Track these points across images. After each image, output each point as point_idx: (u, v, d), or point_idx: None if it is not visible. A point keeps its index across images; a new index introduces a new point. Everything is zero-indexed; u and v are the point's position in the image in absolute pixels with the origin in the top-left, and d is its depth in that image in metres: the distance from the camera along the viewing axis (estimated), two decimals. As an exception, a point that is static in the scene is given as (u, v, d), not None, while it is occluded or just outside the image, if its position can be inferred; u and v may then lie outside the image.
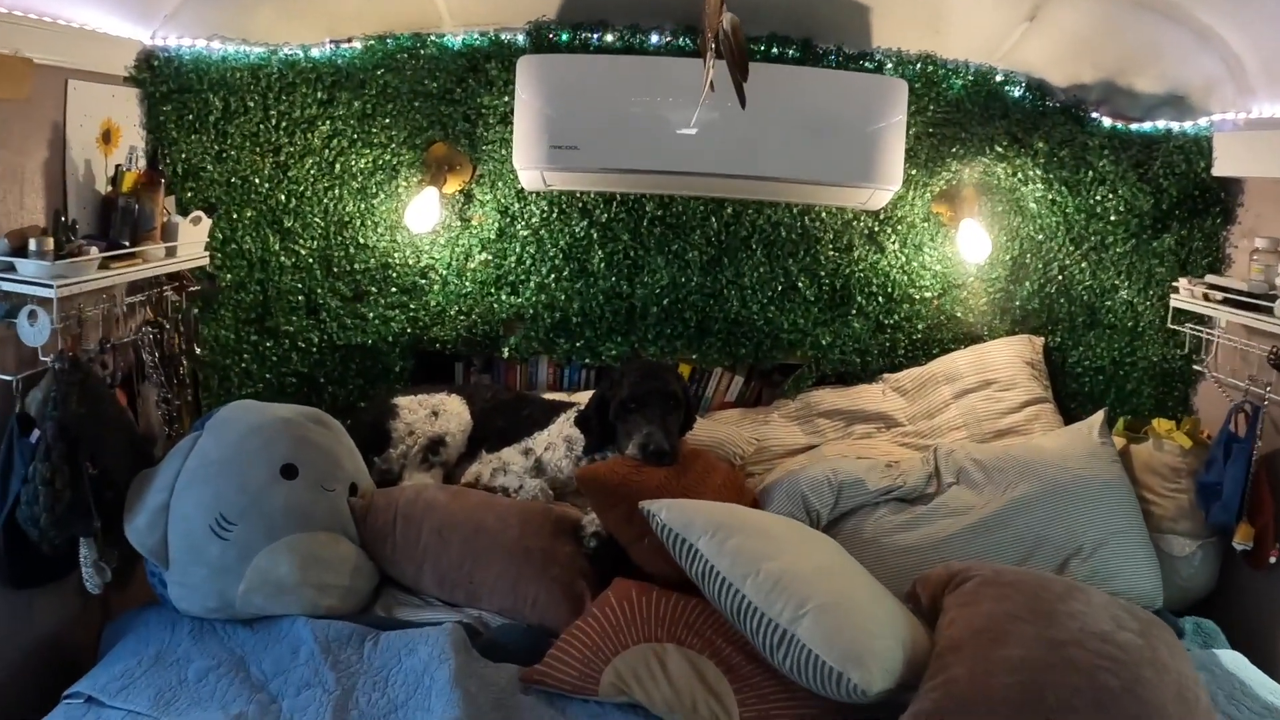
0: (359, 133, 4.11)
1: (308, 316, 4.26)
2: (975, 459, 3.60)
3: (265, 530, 3.02)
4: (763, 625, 2.57)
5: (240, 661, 2.87)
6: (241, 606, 2.97)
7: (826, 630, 2.48)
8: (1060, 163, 4.12)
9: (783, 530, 3.00)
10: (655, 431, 3.33)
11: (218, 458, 3.07)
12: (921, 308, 4.36)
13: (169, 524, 3.00)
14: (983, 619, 2.60)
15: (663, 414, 3.41)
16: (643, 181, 4.04)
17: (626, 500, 3.09)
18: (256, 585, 2.97)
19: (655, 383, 3.45)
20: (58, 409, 2.86)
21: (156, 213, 3.40)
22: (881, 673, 2.43)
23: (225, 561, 2.97)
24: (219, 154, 3.96)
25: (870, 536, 3.45)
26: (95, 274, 3.05)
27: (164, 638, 2.95)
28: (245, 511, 3.02)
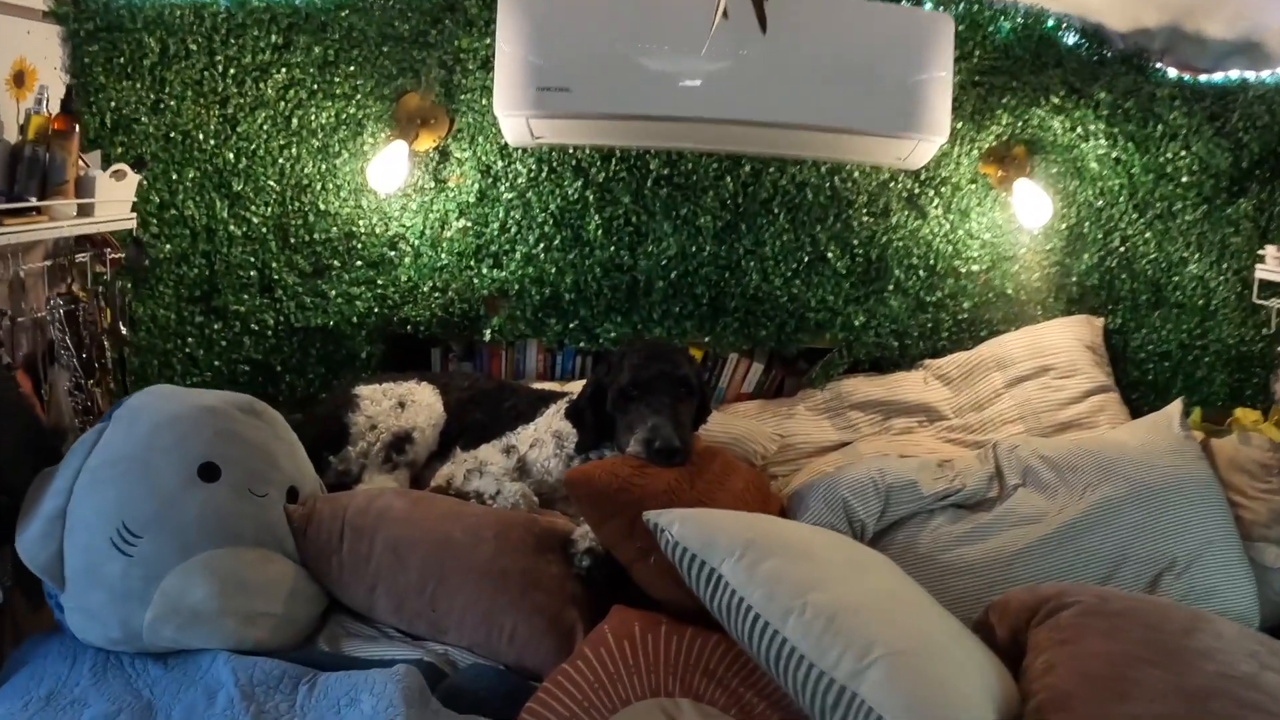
0: (319, 82, 3.82)
1: (261, 295, 3.96)
2: (1044, 456, 3.18)
3: (177, 545, 2.52)
4: (811, 680, 1.99)
5: (147, 708, 2.39)
6: (149, 638, 2.47)
7: (902, 688, 1.92)
8: (1125, 115, 3.83)
9: (829, 548, 2.47)
10: (663, 424, 2.87)
11: (124, 454, 2.59)
12: (968, 283, 4.07)
13: (65, 535, 2.54)
14: (1095, 662, 2.12)
15: (672, 402, 2.98)
16: (646, 131, 3.68)
17: (627, 509, 2.57)
18: (166, 613, 2.46)
19: (663, 365, 3.03)
20: None
21: (69, 164, 3.03)
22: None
23: (129, 583, 2.48)
24: (156, 104, 3.67)
25: (926, 552, 2.99)
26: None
27: (60, 673, 2.48)
28: (153, 521, 2.52)
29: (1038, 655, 2.17)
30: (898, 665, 1.91)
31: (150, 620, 2.43)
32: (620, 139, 3.82)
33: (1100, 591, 2.46)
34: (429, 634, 2.59)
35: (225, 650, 2.46)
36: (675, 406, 2.98)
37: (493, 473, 3.18)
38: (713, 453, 3.14)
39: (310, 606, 2.65)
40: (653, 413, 2.92)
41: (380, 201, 3.91)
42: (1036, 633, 2.26)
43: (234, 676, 2.35)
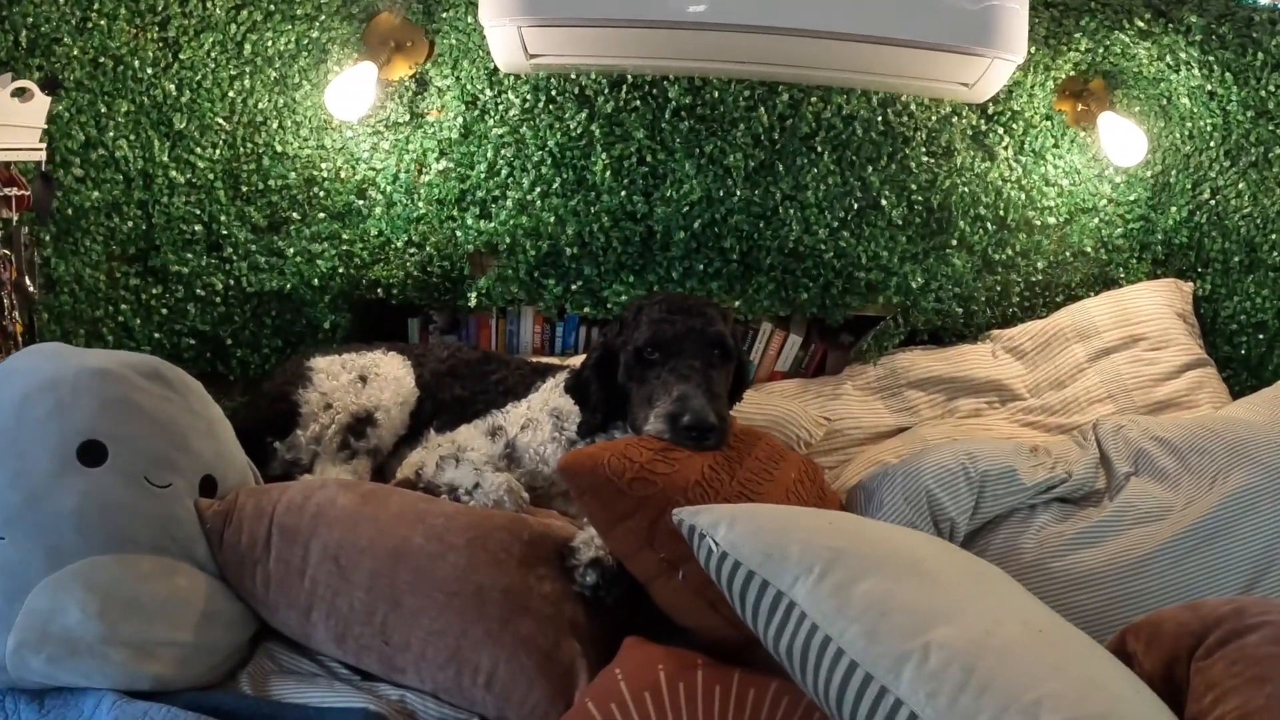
0: (277, 1, 3.52)
1: (208, 253, 3.61)
2: (1158, 438, 2.88)
3: (47, 549, 2.05)
4: None
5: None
6: (15, 670, 2.00)
7: None
8: (1221, 41, 3.57)
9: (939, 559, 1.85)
10: (692, 393, 2.37)
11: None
12: (1043, 239, 3.81)
13: None
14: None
15: (703, 367, 2.49)
16: (665, 45, 3.37)
17: (647, 506, 2.09)
18: (33, 639, 1.99)
19: (691, 320, 2.54)
20: None
21: None
22: None
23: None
24: (82, 22, 3.26)
25: (1033, 560, 2.57)
26: None
27: None
28: (17, 518, 2.06)
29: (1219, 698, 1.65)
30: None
31: (14, 647, 1.97)
32: (633, 56, 3.48)
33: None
34: (382, 672, 2.09)
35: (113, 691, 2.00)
36: (707, 372, 2.48)
37: (472, 460, 2.67)
38: (755, 435, 2.73)
39: (230, 633, 2.15)
40: (679, 380, 2.43)
41: (346, 140, 3.66)
42: (1209, 666, 1.73)
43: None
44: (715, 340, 2.54)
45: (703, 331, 2.53)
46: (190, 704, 1.95)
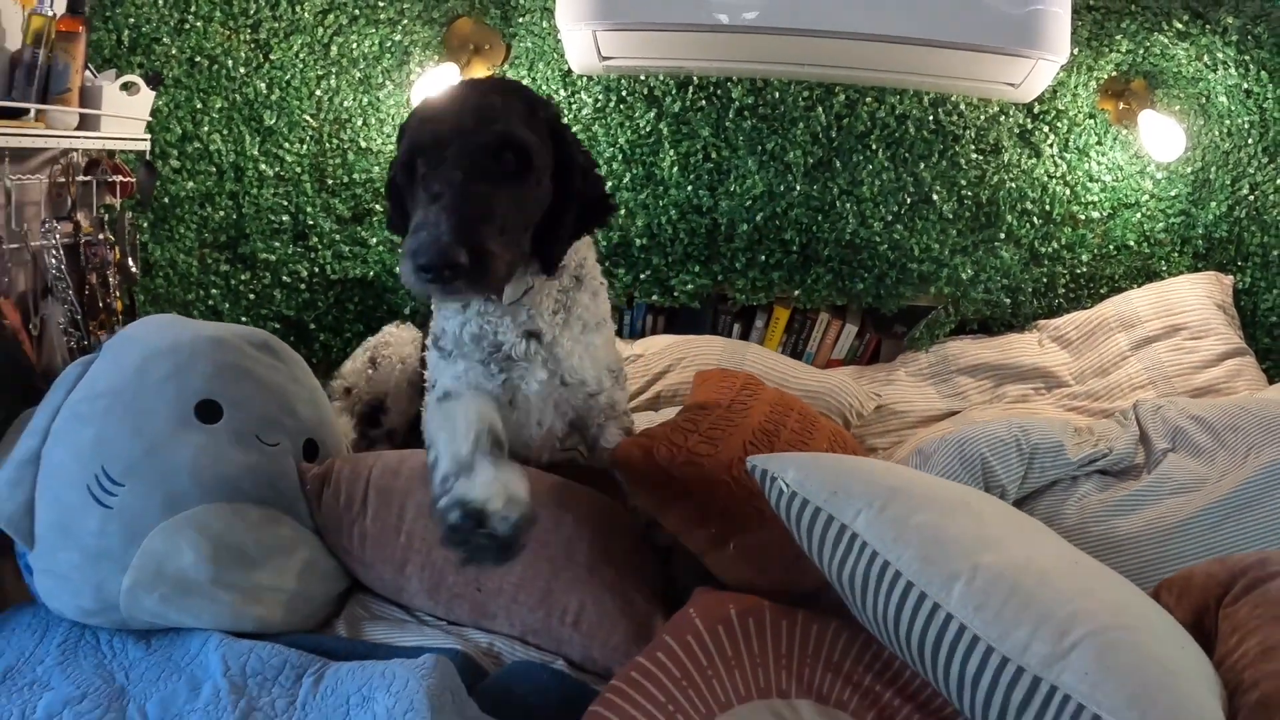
0: (361, 6, 3.67)
1: (294, 242, 3.77)
2: (1195, 416, 2.92)
3: (164, 496, 2.16)
4: (989, 669, 1.54)
5: (119, 694, 2.05)
6: (128, 609, 2.13)
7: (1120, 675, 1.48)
8: (1257, 41, 3.62)
9: (985, 502, 2.02)
10: (431, 220, 1.83)
11: (109, 388, 2.27)
12: (1087, 232, 3.89)
13: (37, 481, 2.22)
14: None
15: (468, 180, 1.90)
16: (729, 48, 3.50)
17: (696, 487, 2.18)
18: (147, 579, 2.11)
19: (462, 117, 1.97)
20: None
21: (74, 71, 2.82)
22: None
23: (106, 541, 2.13)
24: (179, 24, 3.43)
25: (1074, 523, 2.63)
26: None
27: (25, 647, 2.17)
28: (138, 466, 2.17)
29: (1245, 638, 1.75)
30: (1111, 646, 1.49)
31: (129, 586, 2.10)
32: (699, 61, 3.63)
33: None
34: (471, 619, 2.20)
35: (219, 632, 2.14)
36: (470, 188, 1.89)
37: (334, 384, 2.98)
38: (788, 403, 2.80)
39: (326, 584, 2.30)
40: (426, 201, 1.88)
41: None
42: (1236, 610, 1.85)
43: (223, 665, 2.03)
44: (495, 143, 1.96)
45: (474, 132, 1.94)
46: (291, 643, 2.08)
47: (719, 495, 2.11)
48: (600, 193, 2.21)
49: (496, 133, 1.94)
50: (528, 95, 2.13)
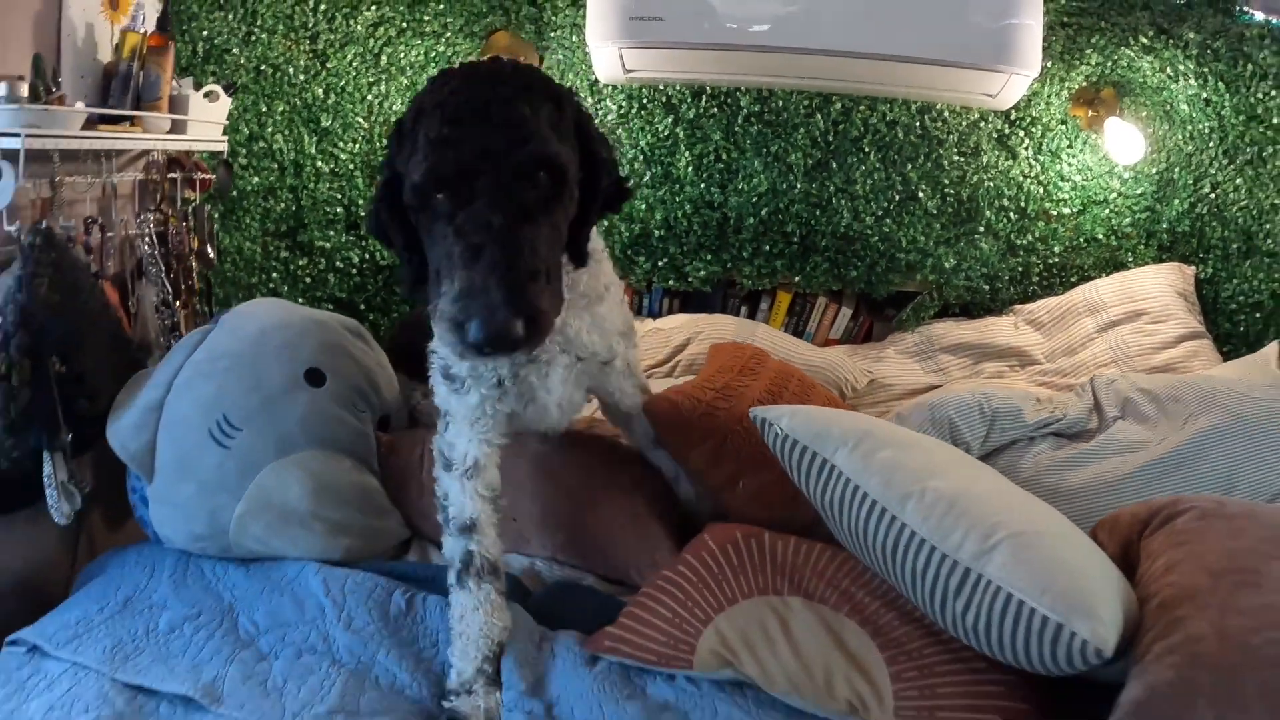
0: (408, 20, 3.88)
1: (347, 231, 3.99)
2: (1143, 389, 3.14)
3: (276, 440, 2.54)
4: (933, 564, 1.95)
5: (228, 610, 2.39)
6: (237, 534, 2.49)
7: (1030, 567, 1.88)
8: (1215, 55, 3.78)
9: (939, 446, 2.43)
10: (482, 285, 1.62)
11: (230, 351, 2.63)
12: (1059, 227, 4.13)
13: (160, 426, 2.56)
14: (1219, 559, 2.03)
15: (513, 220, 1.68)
16: (738, 64, 3.66)
17: (713, 435, 2.50)
18: (258, 508, 2.48)
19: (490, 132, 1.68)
20: (24, 292, 2.49)
21: (164, 82, 3.05)
22: (1114, 626, 1.83)
23: (222, 475, 2.49)
24: (247, 35, 3.62)
25: (1029, 476, 2.92)
26: (79, 132, 2.70)
27: (139, 580, 2.49)
28: (255, 415, 2.54)
29: (1154, 560, 2.10)
30: (1025, 545, 1.88)
31: (240, 514, 2.46)
32: (712, 73, 3.80)
33: (1215, 498, 2.40)
34: (512, 546, 2.53)
35: (312, 560, 2.48)
36: (516, 232, 1.67)
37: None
38: (789, 372, 3.06)
39: (398, 526, 2.67)
40: (466, 255, 1.64)
41: None
42: (1151, 541, 2.19)
43: (324, 586, 2.37)
44: (532, 164, 1.71)
45: (506, 155, 1.68)
46: (375, 569, 2.41)
47: (731, 442, 2.46)
48: (618, 178, 1.99)
49: (531, 155, 1.68)
50: (552, 90, 1.84)
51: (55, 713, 2.02)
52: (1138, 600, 1.98)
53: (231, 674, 2.14)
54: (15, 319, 2.43)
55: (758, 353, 3.21)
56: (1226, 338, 3.89)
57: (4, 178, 2.44)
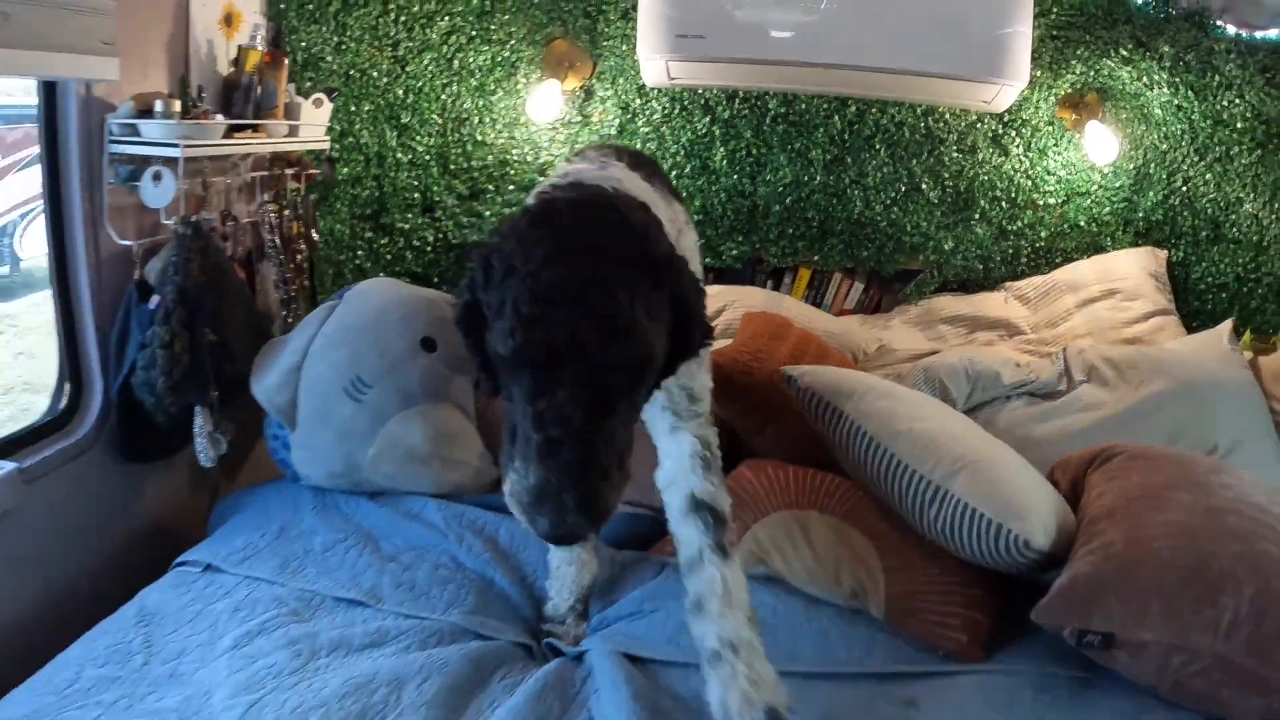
0: (477, 29, 4.12)
1: (423, 214, 4.30)
2: (1106, 357, 3.54)
3: (401, 396, 3.01)
4: (914, 484, 2.50)
5: (368, 536, 2.85)
6: (369, 472, 2.96)
7: (983, 485, 2.43)
8: (1186, 67, 4.01)
9: (930, 403, 2.94)
10: (552, 485, 1.52)
11: (356, 324, 3.08)
12: (1045, 215, 4.33)
13: (300, 386, 3.01)
14: (1136, 487, 2.53)
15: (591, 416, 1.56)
16: (767, 74, 3.93)
17: (748, 390, 3.00)
18: (386, 450, 2.95)
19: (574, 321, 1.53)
20: (179, 273, 2.89)
21: (279, 92, 3.43)
22: (1040, 528, 2.37)
23: (356, 424, 2.96)
24: (338, 45, 3.95)
25: (1004, 427, 3.35)
26: (220, 140, 3.08)
27: (287, 513, 2.94)
28: (382, 376, 3.01)
29: (1091, 491, 2.60)
30: (981, 470, 2.44)
31: (372, 455, 2.93)
32: (745, 81, 4.06)
33: (1143, 445, 2.84)
34: None
35: (428, 494, 2.97)
36: (592, 428, 1.55)
37: None
38: (808, 338, 3.50)
39: (491, 466, 3.10)
40: (542, 449, 1.53)
41: (532, 133, 4.23)
42: (1091, 476, 2.68)
43: (442, 518, 2.86)
44: (622, 360, 1.58)
45: (598, 347, 1.54)
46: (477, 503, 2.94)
47: (761, 394, 2.95)
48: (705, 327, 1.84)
49: (623, 351, 1.56)
50: (653, 263, 1.66)
51: (240, 612, 2.45)
52: (1076, 520, 2.49)
53: (384, 582, 2.60)
54: (174, 297, 2.83)
55: (784, 321, 3.59)
56: (1195, 314, 4.12)
57: (165, 181, 2.84)
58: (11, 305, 7.29)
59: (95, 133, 2.86)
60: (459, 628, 2.46)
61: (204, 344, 2.95)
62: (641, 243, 1.67)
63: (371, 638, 2.36)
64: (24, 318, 7.20)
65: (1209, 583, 2.19)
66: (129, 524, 3.11)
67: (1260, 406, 3.38)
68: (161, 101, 2.87)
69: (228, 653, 2.28)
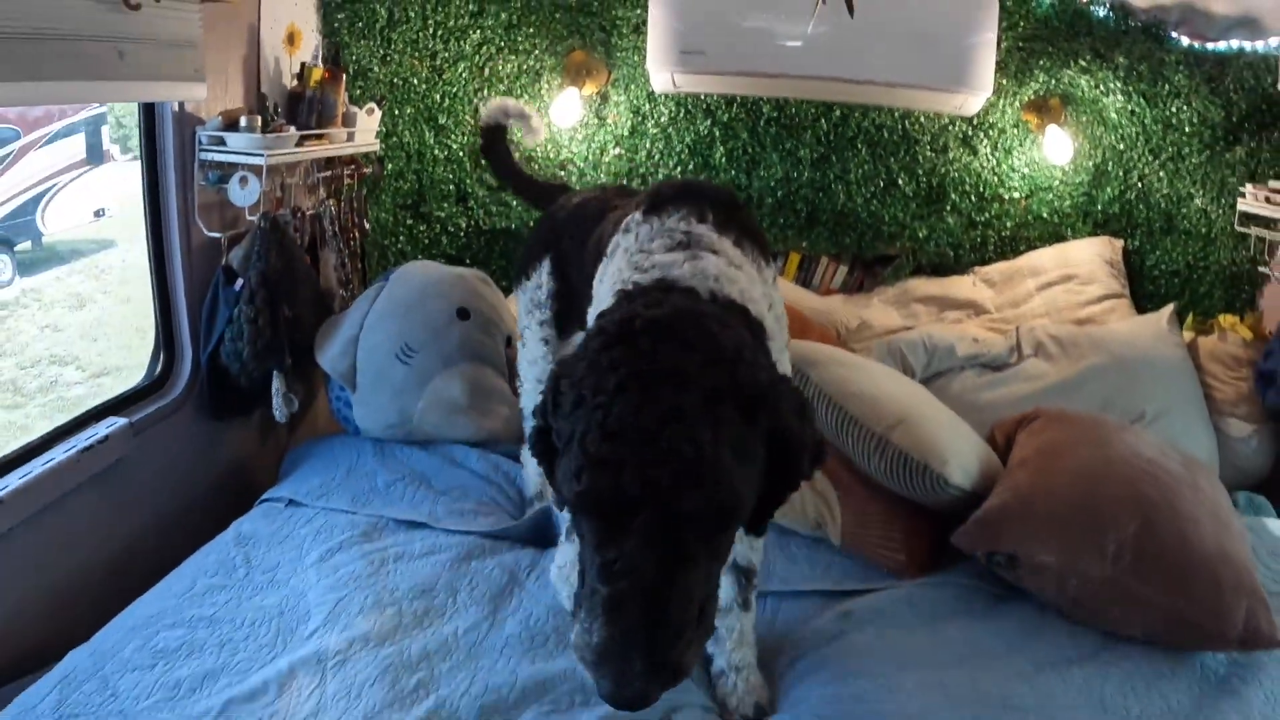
0: (505, 41, 4.44)
1: (457, 204, 4.62)
2: (1053, 335, 3.82)
3: (442, 358, 3.45)
4: (862, 435, 2.92)
5: (422, 476, 3.29)
6: (419, 422, 3.42)
7: (915, 436, 2.85)
8: (1139, 76, 4.23)
9: (881, 369, 3.33)
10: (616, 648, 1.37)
11: (403, 300, 3.52)
12: (1010, 207, 4.56)
13: (358, 354, 3.46)
14: (1048, 442, 2.94)
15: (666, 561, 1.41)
16: (762, 84, 4.22)
17: None
18: (433, 404, 3.40)
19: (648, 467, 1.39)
20: (261, 260, 3.36)
21: (338, 103, 3.83)
22: (959, 469, 2.81)
23: (407, 384, 3.42)
24: (384, 57, 4.31)
25: (956, 393, 3.69)
26: (293, 149, 3.52)
27: (350, 459, 3.40)
28: (426, 343, 3.46)
29: (1016, 445, 3.05)
30: (914, 425, 2.89)
31: (421, 408, 3.40)
32: (741, 90, 4.35)
33: (1064, 410, 3.25)
34: None
35: (468, 444, 3.40)
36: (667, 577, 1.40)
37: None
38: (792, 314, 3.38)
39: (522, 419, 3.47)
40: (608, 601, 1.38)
41: (554, 133, 4.49)
42: (1019, 434, 3.12)
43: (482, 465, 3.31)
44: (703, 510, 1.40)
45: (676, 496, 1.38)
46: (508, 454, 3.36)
47: None
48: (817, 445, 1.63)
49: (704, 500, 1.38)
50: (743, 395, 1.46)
51: (321, 534, 2.94)
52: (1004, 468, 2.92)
53: (439, 509, 3.06)
54: (258, 280, 3.31)
55: None
56: (1150, 298, 4.35)
57: (251, 184, 3.28)
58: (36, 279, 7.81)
59: (187, 144, 3.32)
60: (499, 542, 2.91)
61: (281, 319, 3.40)
62: (733, 370, 1.46)
63: (429, 550, 2.85)
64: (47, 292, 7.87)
65: (1097, 518, 2.61)
66: (213, 470, 3.59)
67: (1190, 380, 3.69)
68: (246, 118, 3.32)
69: (315, 564, 2.79)
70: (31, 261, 7.67)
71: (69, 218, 7.78)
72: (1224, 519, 2.74)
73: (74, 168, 7.65)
